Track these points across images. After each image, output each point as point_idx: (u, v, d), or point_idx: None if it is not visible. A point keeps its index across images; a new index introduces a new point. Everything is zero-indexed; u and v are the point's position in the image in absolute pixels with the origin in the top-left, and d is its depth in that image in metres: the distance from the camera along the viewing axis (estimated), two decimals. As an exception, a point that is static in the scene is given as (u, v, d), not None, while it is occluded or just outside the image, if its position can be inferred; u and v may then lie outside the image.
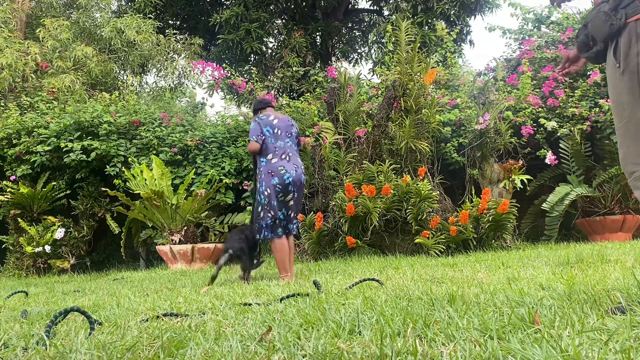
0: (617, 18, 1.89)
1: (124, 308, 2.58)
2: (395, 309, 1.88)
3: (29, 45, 10.15)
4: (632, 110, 1.85)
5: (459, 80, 8.74)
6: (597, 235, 7.40)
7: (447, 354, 1.26)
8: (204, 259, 6.81)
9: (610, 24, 1.91)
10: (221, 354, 1.39)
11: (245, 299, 2.66)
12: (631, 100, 1.86)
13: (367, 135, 7.04)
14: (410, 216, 6.05)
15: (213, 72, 8.97)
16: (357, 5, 15.73)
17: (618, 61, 1.93)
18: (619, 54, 1.91)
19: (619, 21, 1.89)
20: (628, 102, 1.86)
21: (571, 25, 9.35)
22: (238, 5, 11.97)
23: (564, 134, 7.47)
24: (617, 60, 1.93)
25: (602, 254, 3.95)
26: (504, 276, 2.96)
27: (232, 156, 7.55)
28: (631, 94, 1.86)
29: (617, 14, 1.90)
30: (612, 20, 1.91)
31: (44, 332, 1.68)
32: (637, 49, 1.84)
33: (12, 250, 7.37)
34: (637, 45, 1.85)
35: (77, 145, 7.12)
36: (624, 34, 1.89)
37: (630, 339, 1.27)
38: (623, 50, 1.90)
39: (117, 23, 11.22)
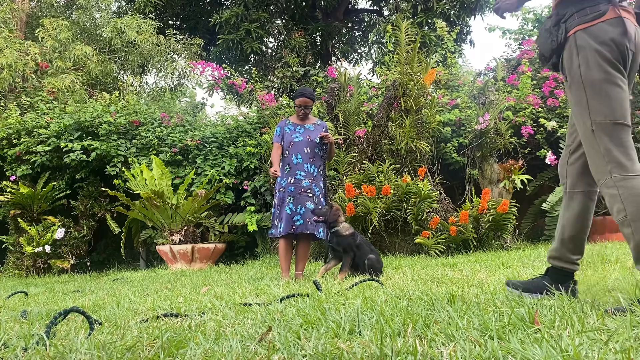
0: (559, 33, 1.94)
1: (124, 308, 2.58)
2: (395, 309, 1.88)
3: (29, 45, 10.15)
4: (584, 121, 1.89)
5: (459, 80, 8.74)
6: (597, 235, 7.40)
7: (447, 354, 1.26)
8: (204, 259, 6.81)
9: (552, 40, 1.96)
10: (221, 354, 1.39)
11: (245, 299, 2.66)
12: (581, 112, 1.90)
13: (367, 135, 7.04)
14: (410, 216, 6.05)
15: (213, 72, 8.96)
16: (357, 5, 15.72)
17: (564, 75, 1.99)
18: (564, 69, 1.96)
19: (560, 36, 1.93)
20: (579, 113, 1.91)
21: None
22: (238, 5, 11.97)
23: (564, 134, 7.47)
24: (563, 75, 1.99)
25: (602, 254, 3.95)
26: (504, 276, 2.96)
27: (232, 156, 7.55)
28: (579, 105, 1.90)
29: (559, 29, 1.94)
30: (553, 36, 1.96)
31: (44, 332, 1.68)
32: (579, 61, 1.88)
33: (12, 250, 7.37)
34: (578, 58, 1.89)
35: (77, 145, 7.12)
36: (566, 47, 1.93)
37: (630, 339, 1.27)
38: (566, 64, 1.95)
39: (118, 23, 11.22)
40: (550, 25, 1.99)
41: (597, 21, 1.85)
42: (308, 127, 4.28)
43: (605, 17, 1.85)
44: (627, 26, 1.84)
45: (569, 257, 2.04)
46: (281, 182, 4.16)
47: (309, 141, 4.20)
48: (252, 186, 7.37)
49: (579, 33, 1.88)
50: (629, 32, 1.84)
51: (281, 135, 4.24)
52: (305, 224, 4.05)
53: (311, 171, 4.17)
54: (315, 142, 4.21)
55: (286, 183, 4.13)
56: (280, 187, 4.16)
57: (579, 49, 1.88)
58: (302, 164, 4.15)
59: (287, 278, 3.98)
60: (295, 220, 4.06)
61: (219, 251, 7.05)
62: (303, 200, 4.08)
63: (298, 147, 4.17)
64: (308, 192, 4.11)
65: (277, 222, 4.11)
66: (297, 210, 4.07)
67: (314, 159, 4.20)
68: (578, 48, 1.89)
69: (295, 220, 4.06)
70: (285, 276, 4.06)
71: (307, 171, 4.15)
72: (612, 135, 1.83)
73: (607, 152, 1.83)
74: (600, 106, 1.84)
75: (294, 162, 4.15)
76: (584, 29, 1.87)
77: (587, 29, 1.86)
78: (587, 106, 1.87)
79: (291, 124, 4.29)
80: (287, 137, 4.22)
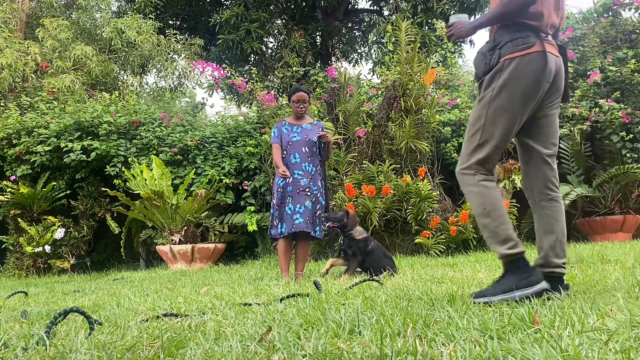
0: (492, 58, 2.12)
1: (124, 308, 2.58)
2: (395, 309, 1.88)
3: (29, 45, 10.15)
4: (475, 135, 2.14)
5: (459, 80, 8.74)
6: (597, 235, 7.40)
7: (447, 354, 1.26)
8: (204, 259, 6.81)
9: (485, 63, 2.15)
10: (221, 354, 1.39)
11: (245, 299, 2.66)
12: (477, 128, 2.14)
13: (367, 135, 7.04)
14: (410, 216, 6.05)
15: (213, 72, 8.96)
16: (357, 5, 15.72)
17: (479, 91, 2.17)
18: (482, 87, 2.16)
19: (494, 60, 2.11)
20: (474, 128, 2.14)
21: (571, 25, 9.35)
22: (238, 5, 11.97)
23: (564, 134, 7.47)
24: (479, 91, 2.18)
25: (602, 254, 3.95)
26: (504, 276, 2.96)
27: (232, 156, 7.55)
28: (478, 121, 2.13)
29: (493, 54, 2.12)
30: (487, 59, 2.14)
31: (44, 332, 1.68)
32: (497, 83, 2.08)
33: (12, 250, 7.37)
34: (498, 80, 2.08)
35: (77, 145, 7.12)
36: (494, 71, 2.11)
37: (630, 339, 1.27)
38: (485, 83, 2.13)
39: (118, 23, 11.22)
40: (486, 50, 2.16)
41: (525, 52, 2.04)
42: (305, 127, 4.28)
43: (533, 50, 2.04)
44: (549, 60, 2.05)
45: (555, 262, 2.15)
46: (279, 182, 4.16)
47: (307, 140, 4.21)
48: (252, 186, 7.37)
49: (507, 61, 2.07)
50: (549, 65, 2.05)
51: (279, 136, 4.25)
52: (304, 223, 4.05)
53: (309, 170, 4.17)
54: (313, 141, 4.22)
55: (284, 183, 4.13)
56: (279, 187, 4.16)
57: (502, 74, 2.07)
58: (300, 163, 4.16)
59: (287, 278, 3.98)
60: (295, 219, 4.05)
61: (219, 251, 7.05)
62: (302, 200, 4.08)
63: (296, 147, 4.18)
64: (306, 191, 4.11)
65: (277, 223, 4.11)
66: (296, 209, 4.07)
67: (312, 158, 4.21)
68: (502, 73, 2.07)
69: (295, 219, 4.05)
70: (285, 276, 4.06)
71: (305, 170, 4.16)
72: (488, 153, 2.12)
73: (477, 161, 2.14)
74: (493, 128, 2.09)
75: (292, 162, 4.15)
76: (512, 58, 2.05)
77: (516, 59, 2.05)
78: (484, 123, 2.11)
79: (288, 124, 4.29)
80: (284, 138, 4.23)
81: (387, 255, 4.02)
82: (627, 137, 7.43)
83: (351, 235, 3.92)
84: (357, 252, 3.86)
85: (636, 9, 8.82)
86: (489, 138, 2.10)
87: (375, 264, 3.82)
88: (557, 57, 2.12)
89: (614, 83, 8.01)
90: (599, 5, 9.09)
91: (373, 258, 3.87)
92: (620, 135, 7.44)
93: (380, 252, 3.97)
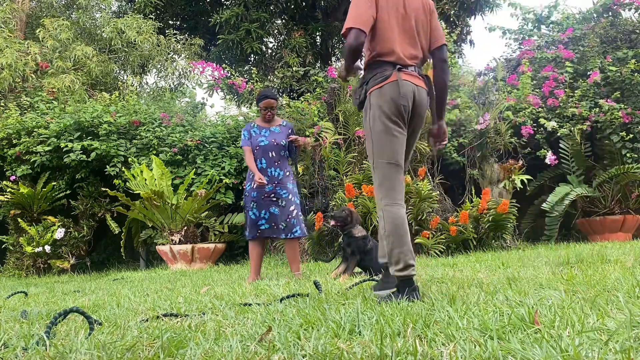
0: (361, 93, 2.47)
1: (124, 308, 2.58)
2: (395, 309, 1.88)
3: (29, 45, 10.15)
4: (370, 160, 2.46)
5: (459, 80, 8.73)
6: (597, 235, 7.40)
7: (447, 354, 1.26)
8: (204, 259, 6.81)
9: (356, 98, 2.52)
10: (221, 354, 1.39)
11: (245, 299, 2.66)
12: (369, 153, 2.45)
13: (367, 135, 7.04)
14: (410, 216, 6.05)
15: (213, 72, 8.96)
16: (357, 5, 15.70)
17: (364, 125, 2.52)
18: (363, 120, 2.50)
19: (362, 95, 2.47)
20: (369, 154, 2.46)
21: (571, 25, 9.35)
22: (238, 5, 11.96)
23: (564, 134, 7.47)
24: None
25: (602, 254, 3.94)
26: (504, 276, 2.96)
27: (232, 156, 7.55)
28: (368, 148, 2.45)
29: (362, 90, 2.46)
30: (357, 95, 2.51)
31: (44, 332, 1.68)
32: (369, 115, 2.41)
33: (12, 250, 7.37)
34: (369, 112, 2.41)
35: (77, 146, 7.12)
36: (365, 104, 2.46)
37: (630, 339, 1.27)
38: (363, 116, 2.49)
39: (118, 23, 11.22)
40: (357, 87, 2.53)
41: (382, 84, 2.35)
42: (274, 130, 4.28)
43: (388, 81, 2.34)
44: (404, 87, 2.33)
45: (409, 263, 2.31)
46: (246, 187, 4.22)
47: (275, 145, 4.21)
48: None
49: (370, 94, 2.40)
50: (402, 90, 2.32)
51: (249, 139, 4.26)
52: (271, 229, 4.13)
53: (275, 175, 4.18)
54: (281, 145, 4.24)
55: (249, 188, 4.18)
56: (246, 191, 4.21)
57: (370, 106, 2.40)
58: (266, 168, 4.18)
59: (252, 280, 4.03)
60: (260, 225, 4.14)
61: (219, 251, 7.05)
62: (266, 205, 4.13)
63: (263, 152, 4.20)
64: (272, 196, 4.14)
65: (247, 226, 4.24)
66: (260, 215, 4.13)
67: (279, 162, 4.22)
68: (370, 105, 2.40)
69: (260, 225, 4.14)
70: (252, 278, 4.11)
71: (272, 175, 4.17)
72: (384, 171, 2.36)
73: (380, 184, 2.38)
74: (379, 150, 2.36)
75: (258, 167, 4.17)
76: (373, 91, 2.38)
77: (376, 91, 2.37)
78: (372, 150, 2.39)
79: (257, 126, 4.29)
80: (253, 141, 4.23)
81: None
82: (627, 137, 7.43)
83: (350, 232, 3.93)
84: (356, 251, 3.86)
85: (636, 9, 8.82)
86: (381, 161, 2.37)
87: (374, 264, 3.82)
88: (415, 85, 2.38)
89: (614, 83, 8.01)
90: (599, 5, 9.09)
91: (372, 257, 3.87)
92: (620, 135, 7.44)
93: None
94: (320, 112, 8.06)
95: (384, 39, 2.38)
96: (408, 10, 2.43)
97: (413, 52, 2.43)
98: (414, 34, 2.43)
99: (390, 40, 2.38)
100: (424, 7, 2.49)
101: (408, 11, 2.42)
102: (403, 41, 2.41)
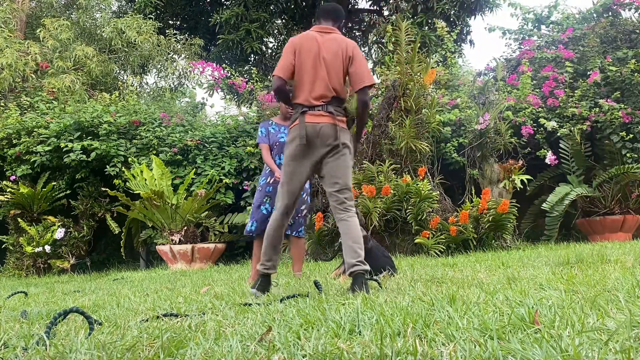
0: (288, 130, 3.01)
1: (124, 308, 2.58)
2: (395, 309, 1.88)
3: (29, 45, 10.15)
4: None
5: (459, 80, 8.74)
6: (597, 235, 7.40)
7: (447, 354, 1.26)
8: (204, 259, 6.81)
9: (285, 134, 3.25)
10: (221, 354, 1.39)
11: (245, 299, 2.66)
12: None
13: (367, 135, 7.04)
14: (410, 216, 6.04)
15: (213, 72, 8.96)
16: (357, 5, 15.71)
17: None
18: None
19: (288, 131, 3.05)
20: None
21: (571, 25, 9.35)
22: (238, 5, 11.96)
23: (564, 134, 7.47)
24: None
25: (602, 254, 3.94)
26: (504, 276, 2.96)
27: (232, 156, 7.55)
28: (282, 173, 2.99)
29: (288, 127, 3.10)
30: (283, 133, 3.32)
31: (44, 332, 1.68)
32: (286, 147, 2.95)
33: (12, 250, 7.37)
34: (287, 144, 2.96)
35: (77, 145, 7.12)
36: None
37: (630, 339, 1.27)
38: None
39: (118, 23, 11.22)
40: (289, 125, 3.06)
41: (292, 126, 2.88)
42: None
43: (295, 124, 2.85)
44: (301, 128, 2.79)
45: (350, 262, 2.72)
46: (261, 182, 4.18)
47: None
48: (252, 186, 7.36)
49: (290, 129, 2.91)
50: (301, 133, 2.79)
51: (267, 136, 4.23)
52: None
53: None
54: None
55: (264, 183, 4.15)
56: (259, 186, 4.17)
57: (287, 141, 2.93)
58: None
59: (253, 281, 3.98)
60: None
61: (219, 251, 7.05)
62: None
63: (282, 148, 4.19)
64: None
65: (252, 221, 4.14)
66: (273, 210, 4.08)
67: None
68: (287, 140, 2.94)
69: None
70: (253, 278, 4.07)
71: None
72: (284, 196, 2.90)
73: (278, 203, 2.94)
74: (285, 179, 2.90)
75: (277, 163, 4.14)
76: (291, 128, 2.89)
77: (292, 128, 2.88)
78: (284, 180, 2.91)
79: (275, 124, 4.28)
80: (272, 138, 4.21)
81: (387, 255, 4.01)
82: (627, 137, 7.43)
83: None
84: None
85: (636, 9, 8.82)
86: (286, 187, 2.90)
87: (374, 264, 3.81)
88: (317, 123, 2.81)
89: (614, 83, 8.01)
90: (598, 5, 9.09)
91: (372, 257, 3.86)
92: (620, 135, 7.44)
93: (379, 252, 3.95)
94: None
95: (299, 83, 2.86)
96: (322, 57, 2.84)
97: (322, 93, 2.83)
98: (325, 77, 2.83)
99: (302, 84, 2.85)
100: (342, 53, 2.85)
101: (321, 57, 2.83)
102: (313, 84, 2.83)
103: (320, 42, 2.87)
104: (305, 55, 2.85)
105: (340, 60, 2.85)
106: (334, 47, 2.86)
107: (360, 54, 2.90)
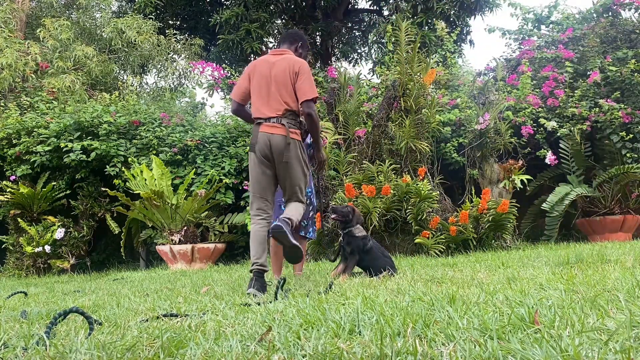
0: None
1: (124, 308, 2.58)
2: (395, 309, 1.88)
3: (29, 45, 10.15)
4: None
5: (459, 80, 8.74)
6: (597, 235, 7.40)
7: (447, 354, 1.26)
8: (204, 259, 6.81)
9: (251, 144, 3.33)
10: (221, 354, 1.39)
11: (245, 299, 2.66)
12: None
13: (367, 135, 7.04)
14: (410, 216, 6.04)
15: (213, 72, 8.96)
16: (357, 5, 15.71)
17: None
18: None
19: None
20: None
21: (571, 25, 9.35)
22: (238, 5, 11.97)
23: (564, 134, 7.47)
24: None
25: (602, 254, 3.94)
26: (504, 276, 2.96)
27: (232, 156, 7.55)
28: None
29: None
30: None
31: (44, 332, 1.68)
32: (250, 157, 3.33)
33: (12, 250, 7.37)
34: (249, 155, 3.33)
35: (77, 145, 7.12)
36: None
37: (630, 339, 1.27)
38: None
39: (118, 23, 11.22)
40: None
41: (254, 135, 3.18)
42: None
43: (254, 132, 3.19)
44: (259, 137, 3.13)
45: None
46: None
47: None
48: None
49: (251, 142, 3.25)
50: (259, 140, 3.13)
51: None
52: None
53: None
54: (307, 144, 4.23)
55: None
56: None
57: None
58: None
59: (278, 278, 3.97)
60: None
61: (219, 251, 7.05)
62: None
63: None
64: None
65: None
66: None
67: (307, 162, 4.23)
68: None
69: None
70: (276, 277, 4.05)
71: None
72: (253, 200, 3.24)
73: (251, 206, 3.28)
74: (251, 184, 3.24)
75: None
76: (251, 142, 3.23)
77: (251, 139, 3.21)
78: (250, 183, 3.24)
79: None
80: None
81: (387, 255, 4.01)
82: (627, 137, 7.43)
83: (351, 232, 3.91)
84: (355, 250, 3.85)
85: (636, 9, 8.82)
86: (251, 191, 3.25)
87: (374, 263, 3.81)
88: (270, 134, 3.12)
89: (614, 83, 8.01)
90: (598, 5, 9.09)
91: (372, 257, 3.86)
92: (620, 135, 7.44)
93: (379, 252, 3.95)
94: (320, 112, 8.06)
95: (256, 100, 3.22)
96: (272, 76, 3.18)
97: (276, 107, 3.16)
98: (276, 94, 3.17)
99: (257, 102, 3.21)
100: (289, 70, 3.17)
101: (271, 77, 3.18)
102: (267, 100, 3.18)
103: (272, 63, 3.23)
104: (258, 77, 3.22)
105: (289, 77, 3.17)
106: (283, 65, 3.19)
107: (306, 71, 3.18)
